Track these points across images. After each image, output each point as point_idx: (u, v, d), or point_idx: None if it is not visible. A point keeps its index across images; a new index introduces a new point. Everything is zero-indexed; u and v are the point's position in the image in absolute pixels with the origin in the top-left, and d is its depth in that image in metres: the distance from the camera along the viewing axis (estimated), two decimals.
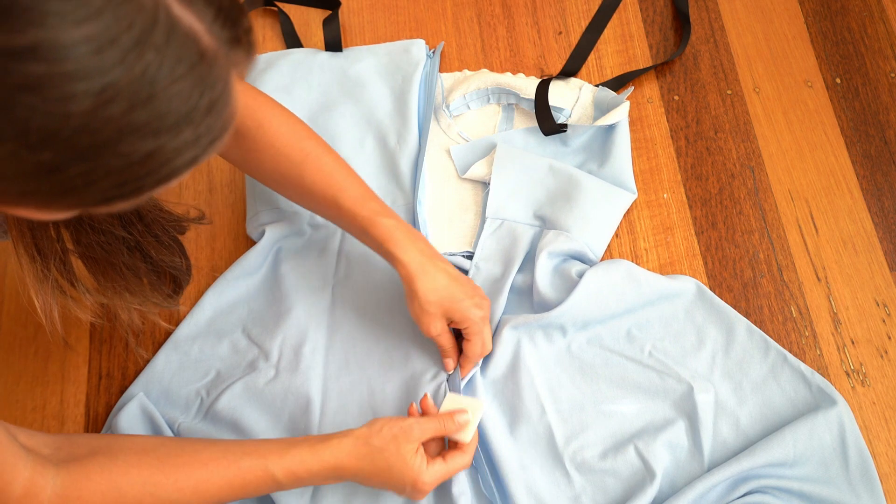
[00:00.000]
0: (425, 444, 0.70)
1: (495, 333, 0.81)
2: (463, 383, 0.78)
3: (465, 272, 0.85)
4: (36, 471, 0.57)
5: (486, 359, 0.81)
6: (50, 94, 0.34)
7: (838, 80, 0.96)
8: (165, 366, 0.83)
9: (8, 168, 0.36)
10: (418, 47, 0.95)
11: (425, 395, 0.74)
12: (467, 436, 0.71)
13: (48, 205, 0.40)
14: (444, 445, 0.74)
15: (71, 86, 0.34)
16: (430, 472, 0.68)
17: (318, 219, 0.88)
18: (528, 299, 0.84)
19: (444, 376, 0.79)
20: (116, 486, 0.60)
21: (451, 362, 0.78)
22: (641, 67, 0.97)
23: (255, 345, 0.83)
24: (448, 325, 0.76)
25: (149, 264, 0.67)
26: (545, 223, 0.85)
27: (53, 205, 0.40)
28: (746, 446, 0.76)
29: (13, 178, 0.37)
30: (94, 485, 0.60)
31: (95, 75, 0.35)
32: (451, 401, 0.74)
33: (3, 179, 0.37)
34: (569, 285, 0.81)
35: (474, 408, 0.73)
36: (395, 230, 0.74)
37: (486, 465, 0.76)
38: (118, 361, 0.86)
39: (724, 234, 0.89)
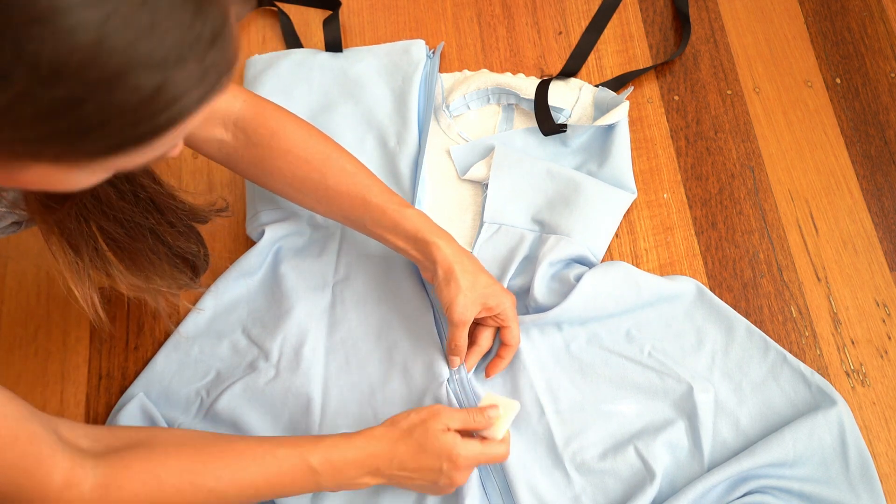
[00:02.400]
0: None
1: None
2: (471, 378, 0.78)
3: None
4: (75, 462, 0.58)
5: (485, 359, 0.81)
6: (56, 26, 0.35)
7: (838, 80, 0.96)
8: (165, 366, 0.83)
9: (24, 110, 0.37)
10: (418, 47, 0.95)
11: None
12: (498, 432, 0.70)
13: (66, 156, 0.41)
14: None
15: (75, 15, 0.35)
16: (466, 446, 0.68)
17: (318, 219, 0.88)
18: (525, 303, 0.84)
19: (445, 376, 0.79)
20: (156, 476, 0.61)
21: (457, 360, 0.78)
22: (641, 67, 0.97)
23: (255, 345, 0.83)
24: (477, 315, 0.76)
25: (167, 249, 0.68)
26: (544, 228, 0.85)
27: (72, 156, 0.41)
28: (746, 446, 0.75)
29: (30, 121, 0.38)
30: (134, 474, 0.60)
31: (98, 4, 0.36)
32: (487, 398, 0.74)
33: (21, 125, 0.38)
34: (566, 289, 0.81)
35: (508, 407, 0.72)
36: (427, 221, 0.76)
37: (489, 466, 0.76)
38: (118, 361, 0.86)
39: (724, 234, 0.89)
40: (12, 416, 0.55)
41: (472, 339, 0.79)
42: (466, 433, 0.70)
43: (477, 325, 0.79)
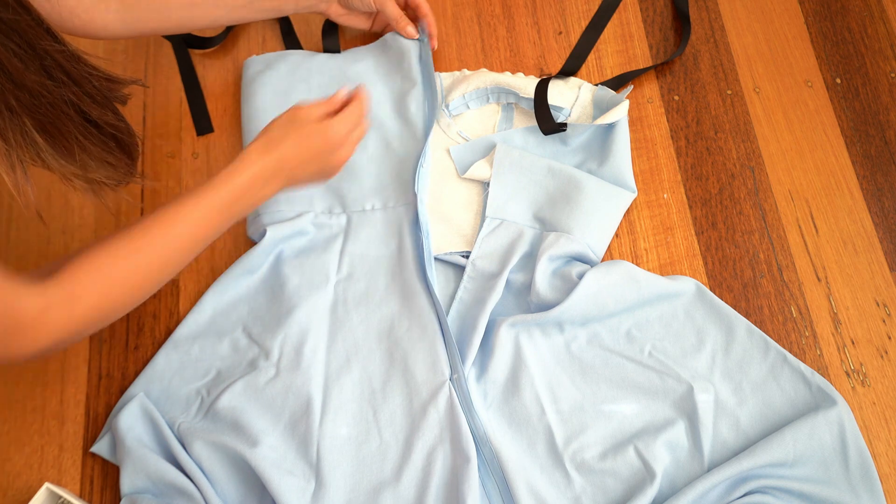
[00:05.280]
0: None
1: (493, 333, 0.81)
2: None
3: (462, 270, 0.85)
4: (36, 289, 0.61)
5: (486, 358, 0.81)
6: None
7: (838, 80, 0.96)
8: (166, 365, 0.83)
9: None
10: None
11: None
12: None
13: None
14: None
15: None
16: (335, 119, 0.75)
17: (322, 218, 0.88)
18: (527, 299, 0.84)
19: (446, 376, 0.79)
20: (103, 274, 0.65)
21: (412, 28, 0.89)
22: (641, 67, 0.97)
23: (256, 344, 0.83)
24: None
25: (95, 129, 0.68)
26: (545, 225, 0.85)
27: None
28: (746, 446, 0.76)
29: None
30: (86, 280, 0.64)
31: None
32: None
33: None
34: (569, 287, 0.81)
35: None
36: None
37: (488, 465, 0.76)
38: (118, 361, 0.86)
39: (724, 234, 0.89)
40: None
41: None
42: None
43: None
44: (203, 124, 0.97)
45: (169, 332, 0.86)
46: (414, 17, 0.95)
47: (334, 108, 0.77)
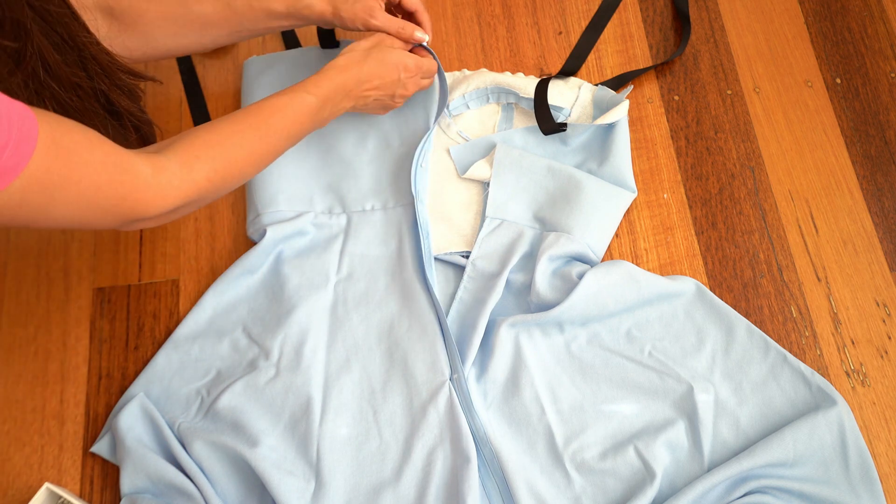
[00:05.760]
0: None
1: (493, 333, 0.81)
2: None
3: (462, 270, 0.85)
4: (150, 154, 0.63)
5: (486, 358, 0.81)
6: None
7: (838, 80, 0.96)
8: (166, 365, 0.83)
9: None
10: None
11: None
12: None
13: None
14: None
15: None
16: (413, 57, 0.82)
17: (322, 218, 0.88)
18: (527, 299, 0.84)
19: (446, 376, 0.79)
20: (214, 147, 0.67)
21: (420, 32, 0.84)
22: (641, 67, 0.97)
23: (256, 344, 0.83)
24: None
25: (117, 120, 0.70)
26: (545, 225, 0.85)
27: None
28: (746, 446, 0.76)
29: None
30: (198, 148, 0.66)
31: None
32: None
33: None
34: (569, 287, 0.81)
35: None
36: None
37: (488, 465, 0.76)
38: (118, 361, 0.86)
39: (724, 234, 0.89)
40: (82, 127, 0.57)
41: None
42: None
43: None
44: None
45: (169, 332, 0.86)
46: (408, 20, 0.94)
47: (406, 36, 0.83)
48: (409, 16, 0.87)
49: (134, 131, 0.71)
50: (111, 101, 0.68)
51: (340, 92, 0.77)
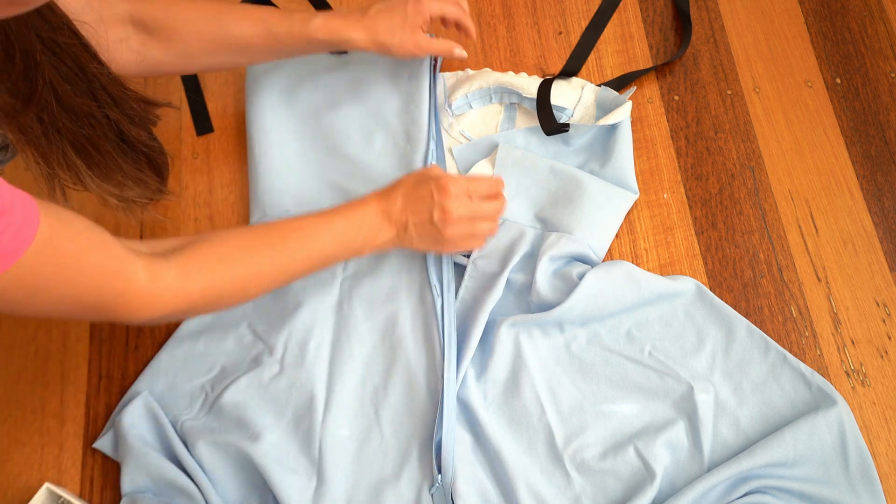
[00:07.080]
0: None
1: (493, 333, 0.81)
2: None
3: (463, 269, 0.85)
4: (150, 259, 0.63)
5: (486, 358, 0.81)
6: None
7: (838, 80, 0.96)
8: (170, 361, 0.83)
9: None
10: None
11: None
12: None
13: None
14: None
15: None
16: (452, 176, 0.77)
17: None
18: (527, 299, 0.84)
19: (447, 375, 0.79)
20: (217, 262, 0.67)
21: (460, 49, 0.85)
22: (642, 68, 0.97)
23: (261, 340, 0.83)
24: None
25: (129, 148, 0.70)
26: (546, 225, 0.85)
27: None
28: (746, 446, 0.76)
29: None
30: (200, 260, 0.66)
31: None
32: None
33: None
34: (569, 287, 0.81)
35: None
36: (332, 20, 0.81)
37: (488, 466, 0.76)
38: (118, 361, 0.86)
39: (724, 234, 0.89)
40: (84, 225, 0.57)
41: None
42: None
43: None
44: (203, 124, 0.97)
45: (169, 333, 0.86)
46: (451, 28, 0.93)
47: (472, 186, 0.78)
48: (457, 26, 0.88)
49: (146, 160, 0.71)
50: (122, 131, 0.68)
51: (372, 222, 0.75)
